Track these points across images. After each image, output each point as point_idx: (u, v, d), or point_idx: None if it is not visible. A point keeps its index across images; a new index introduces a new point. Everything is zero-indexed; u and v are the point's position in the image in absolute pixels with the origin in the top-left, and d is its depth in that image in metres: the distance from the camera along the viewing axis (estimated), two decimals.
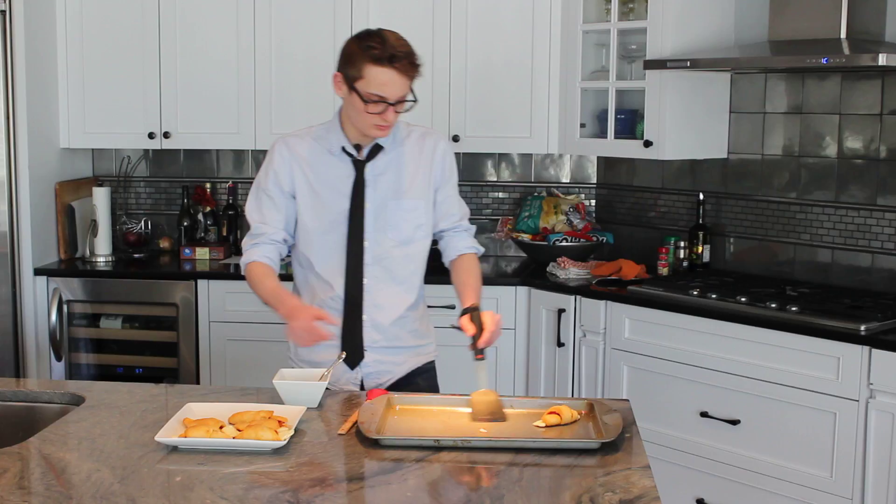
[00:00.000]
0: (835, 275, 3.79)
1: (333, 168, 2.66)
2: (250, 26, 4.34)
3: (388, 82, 2.50)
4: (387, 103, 2.52)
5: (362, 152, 2.66)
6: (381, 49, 2.49)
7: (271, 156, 2.71)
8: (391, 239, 2.67)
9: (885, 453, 3.09)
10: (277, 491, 1.90)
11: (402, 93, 2.53)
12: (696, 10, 3.87)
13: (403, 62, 2.50)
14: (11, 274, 4.16)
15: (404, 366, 2.75)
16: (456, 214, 2.78)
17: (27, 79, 4.13)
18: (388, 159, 2.67)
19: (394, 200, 2.66)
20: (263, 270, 2.65)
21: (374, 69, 2.50)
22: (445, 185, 2.75)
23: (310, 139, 2.70)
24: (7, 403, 2.49)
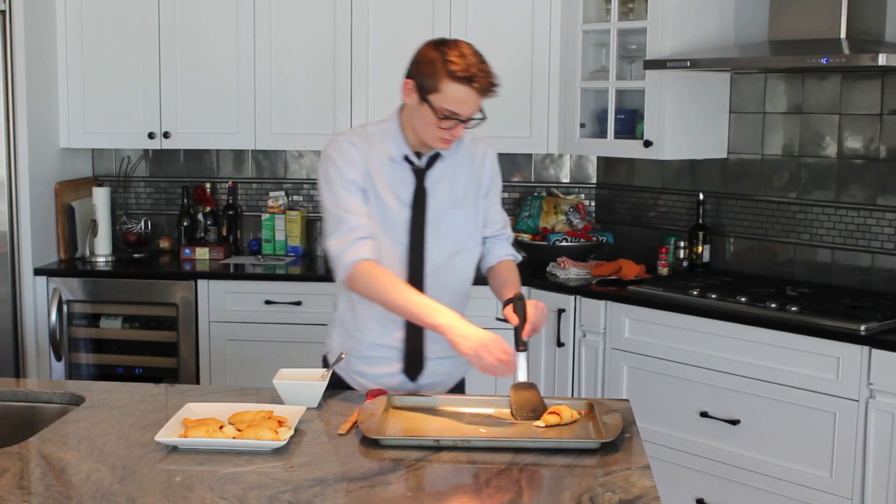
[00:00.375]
0: (835, 275, 3.79)
1: (393, 174, 2.56)
2: (250, 26, 4.35)
3: (465, 100, 2.44)
4: (459, 120, 2.45)
5: (422, 160, 2.58)
6: (461, 66, 2.42)
7: (339, 153, 2.54)
8: (448, 248, 2.60)
9: (885, 453, 3.09)
10: (277, 491, 1.90)
11: (475, 110, 2.48)
12: (696, 10, 3.87)
13: (483, 82, 2.44)
14: (11, 274, 4.17)
15: (454, 375, 2.70)
16: (499, 223, 2.74)
17: (27, 79, 4.14)
18: (444, 167, 2.60)
19: (450, 209, 2.60)
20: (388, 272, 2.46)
21: (453, 86, 2.42)
22: (491, 193, 2.69)
23: (369, 141, 2.57)
24: (7, 403, 2.48)
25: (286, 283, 4.23)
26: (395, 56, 4.29)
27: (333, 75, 4.32)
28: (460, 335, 2.33)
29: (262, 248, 4.65)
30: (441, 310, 2.39)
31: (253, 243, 4.71)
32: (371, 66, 4.30)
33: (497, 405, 2.40)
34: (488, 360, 2.29)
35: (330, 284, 4.19)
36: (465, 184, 2.63)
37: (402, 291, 2.43)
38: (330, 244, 2.51)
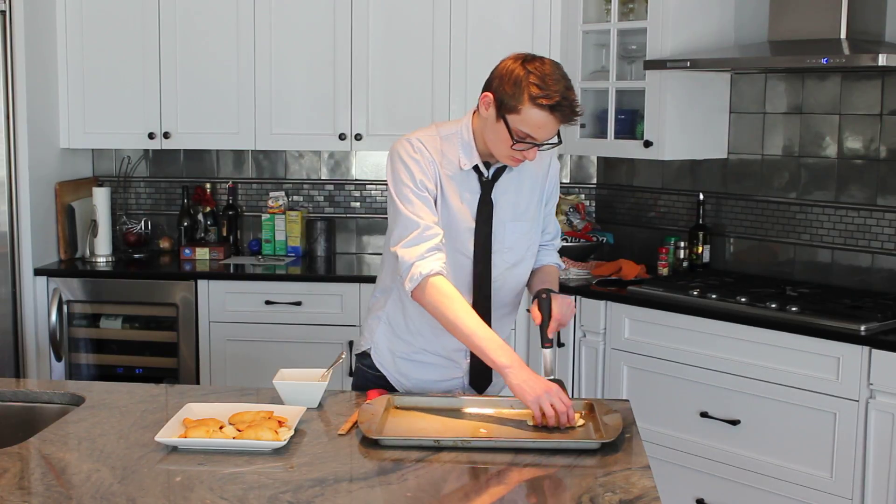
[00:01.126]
0: (835, 275, 3.79)
1: (461, 183, 2.49)
2: (250, 26, 4.34)
3: (545, 126, 2.35)
4: (535, 144, 2.38)
5: (489, 170, 2.52)
6: (547, 92, 2.32)
7: (413, 153, 2.45)
8: (506, 261, 2.56)
9: (885, 453, 3.09)
10: (277, 491, 1.90)
11: (552, 135, 2.40)
12: (696, 10, 3.87)
13: (566, 111, 2.34)
14: (11, 274, 4.17)
15: (496, 386, 2.66)
16: (551, 233, 2.70)
17: (27, 79, 4.14)
18: (510, 178, 2.54)
19: (511, 222, 2.55)
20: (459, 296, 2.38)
21: (535, 111, 2.33)
22: (549, 202, 2.65)
23: (441, 144, 2.49)
24: (7, 403, 2.48)
25: (286, 283, 4.23)
26: (395, 56, 4.31)
27: (333, 75, 4.32)
28: (522, 380, 2.26)
29: (262, 248, 4.65)
30: (505, 349, 2.33)
31: (253, 243, 4.71)
32: (371, 66, 4.30)
33: (497, 405, 2.40)
34: (548, 410, 2.22)
35: (331, 285, 4.22)
36: (528, 196, 2.58)
37: (471, 319, 2.35)
38: (401, 251, 2.40)
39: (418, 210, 2.41)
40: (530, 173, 2.57)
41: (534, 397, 2.23)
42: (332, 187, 4.76)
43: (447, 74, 4.26)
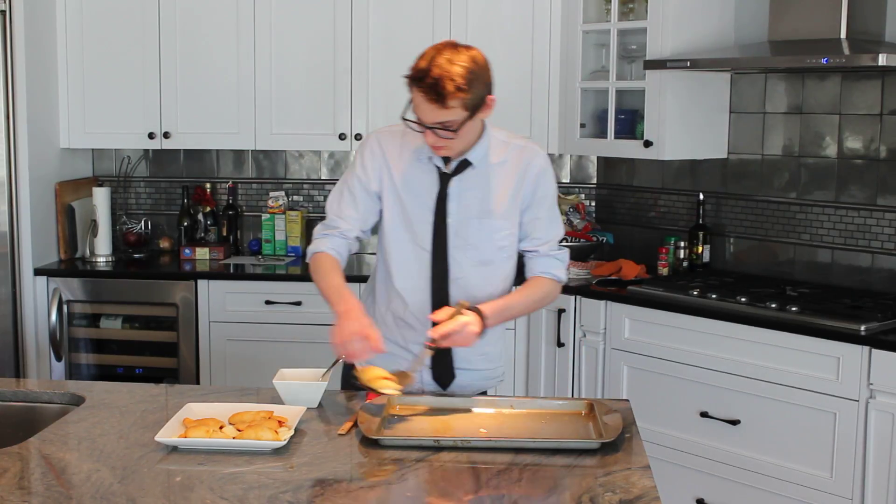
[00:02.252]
0: (835, 275, 3.79)
1: (419, 175, 2.53)
2: (250, 26, 4.34)
3: (419, 105, 2.37)
4: (423, 125, 2.39)
5: (450, 164, 2.51)
6: (418, 67, 2.37)
7: (362, 151, 2.59)
8: (470, 258, 2.55)
9: (885, 453, 3.09)
10: (277, 491, 1.90)
11: (436, 119, 2.36)
12: (696, 10, 3.87)
13: (426, 89, 2.34)
14: (11, 274, 4.17)
15: (468, 389, 2.63)
16: (539, 238, 2.59)
17: (27, 79, 4.13)
18: (477, 175, 2.52)
19: (477, 219, 2.53)
20: (331, 264, 2.52)
21: (413, 87, 2.39)
22: (534, 206, 2.56)
23: (403, 139, 2.54)
24: (7, 403, 2.49)
25: (286, 283, 4.23)
26: (395, 56, 4.30)
27: (333, 75, 4.32)
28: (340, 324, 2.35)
29: (262, 248, 4.65)
30: (346, 298, 2.42)
31: (253, 243, 4.71)
32: (371, 66, 4.30)
33: (497, 405, 2.40)
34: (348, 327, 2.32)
35: None
36: (500, 194, 2.54)
37: (326, 277, 2.49)
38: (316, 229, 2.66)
39: (338, 201, 2.60)
40: (505, 172, 2.55)
41: (340, 339, 2.32)
42: (332, 187, 4.75)
43: None
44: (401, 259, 2.58)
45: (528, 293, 2.59)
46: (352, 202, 2.58)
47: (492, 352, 2.67)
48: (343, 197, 2.60)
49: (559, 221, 2.66)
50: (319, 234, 2.61)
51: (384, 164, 2.56)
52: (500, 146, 2.55)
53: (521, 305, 2.59)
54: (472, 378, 2.64)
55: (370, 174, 2.57)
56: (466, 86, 2.35)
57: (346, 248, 2.60)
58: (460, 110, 2.36)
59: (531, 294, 2.59)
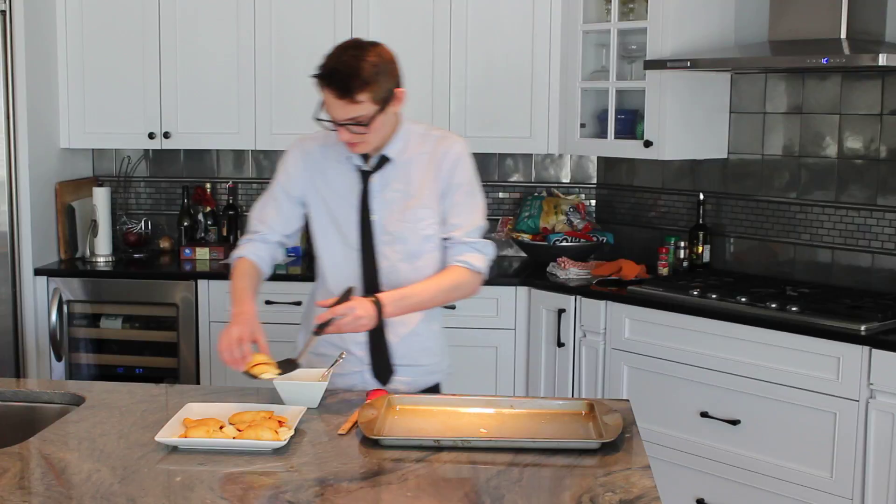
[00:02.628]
0: (835, 275, 3.79)
1: (342, 176, 2.58)
2: (250, 26, 4.34)
3: (329, 103, 2.41)
4: (335, 122, 2.42)
5: (370, 162, 2.56)
6: (325, 65, 2.41)
7: (285, 158, 2.66)
8: (398, 252, 2.57)
9: (885, 453, 3.09)
10: (277, 491, 1.90)
11: (346, 116, 2.40)
12: (696, 10, 3.87)
13: (334, 87, 2.38)
14: (11, 274, 4.17)
15: (411, 386, 2.66)
16: (454, 225, 2.58)
17: (27, 79, 4.14)
18: (397, 169, 2.56)
19: (401, 212, 2.56)
20: (244, 268, 2.61)
21: (320, 85, 2.42)
22: (451, 192, 2.58)
23: (324, 143, 2.59)
24: (7, 403, 2.49)
25: (286, 283, 4.23)
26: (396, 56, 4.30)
27: None
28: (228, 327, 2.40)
29: None
30: (243, 301, 2.49)
31: None
32: None
33: (497, 405, 2.40)
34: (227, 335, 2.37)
35: None
36: (419, 185, 2.57)
37: (234, 281, 2.57)
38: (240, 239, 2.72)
39: (262, 208, 2.67)
40: (423, 163, 2.58)
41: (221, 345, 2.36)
42: None
43: (447, 74, 4.26)
44: (332, 260, 2.63)
45: (435, 281, 2.55)
46: (274, 207, 2.65)
47: (433, 346, 2.70)
48: (266, 204, 2.67)
49: (480, 211, 2.63)
50: (242, 241, 2.69)
51: (307, 169, 2.61)
52: (418, 139, 2.60)
53: (427, 294, 2.53)
54: (414, 374, 2.66)
55: (293, 181, 2.63)
56: (373, 79, 2.40)
57: (267, 253, 2.66)
58: (369, 104, 2.41)
59: (440, 282, 2.55)
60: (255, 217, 2.68)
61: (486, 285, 4.29)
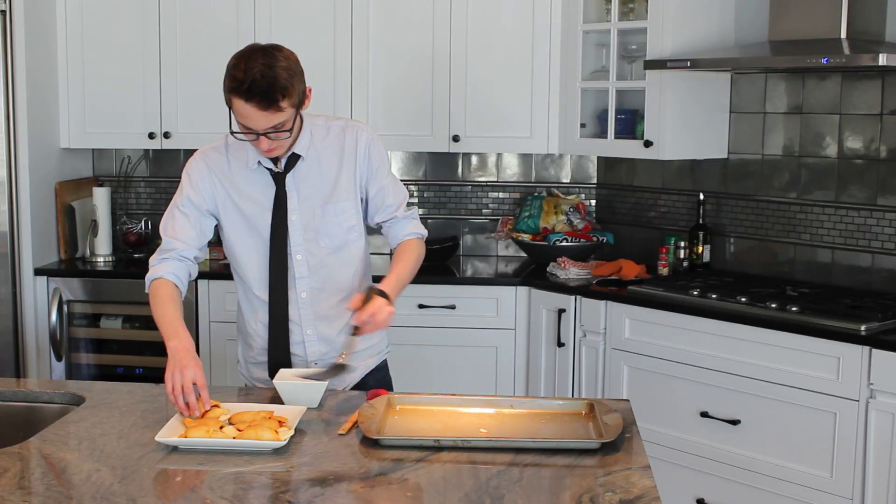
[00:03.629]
0: (835, 275, 3.79)
1: (253, 182, 2.57)
2: (251, 26, 4.34)
3: (249, 115, 2.37)
4: (256, 133, 2.40)
5: (280, 163, 2.55)
6: (240, 79, 2.34)
7: (188, 171, 2.60)
8: (324, 247, 2.59)
9: (885, 453, 3.09)
10: (277, 491, 1.90)
11: (268, 124, 2.38)
12: (696, 10, 3.87)
13: (257, 99, 2.34)
14: (11, 274, 4.16)
15: (356, 372, 2.70)
16: (392, 205, 2.65)
17: (27, 79, 4.13)
18: (308, 165, 2.57)
19: (320, 207, 2.58)
20: (168, 292, 2.52)
21: (235, 100, 2.37)
22: (375, 177, 2.63)
23: (227, 153, 2.58)
24: (7, 403, 2.49)
25: None
26: (396, 56, 4.31)
27: (333, 75, 4.32)
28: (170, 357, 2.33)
29: None
30: (179, 334, 2.39)
31: None
32: (371, 65, 4.30)
33: (497, 405, 2.40)
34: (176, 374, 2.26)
35: None
36: (335, 176, 2.59)
37: (161, 307, 2.48)
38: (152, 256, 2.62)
39: (171, 224, 2.58)
40: (334, 154, 2.60)
41: (169, 373, 2.28)
42: None
43: (447, 74, 4.26)
44: (253, 267, 2.62)
45: (408, 259, 2.63)
46: (186, 222, 2.58)
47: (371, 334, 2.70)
48: (176, 219, 2.59)
49: (401, 185, 2.72)
50: (157, 260, 2.59)
51: (214, 180, 2.58)
52: (321, 131, 2.61)
53: (409, 271, 2.62)
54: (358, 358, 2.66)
55: (201, 193, 2.58)
56: (289, 84, 2.39)
57: (185, 272, 2.58)
58: (289, 109, 2.42)
59: (411, 258, 2.64)
60: (168, 234, 2.59)
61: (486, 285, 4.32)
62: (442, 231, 4.67)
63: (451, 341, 4.09)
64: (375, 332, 2.65)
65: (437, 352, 4.06)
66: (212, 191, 2.59)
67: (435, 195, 4.70)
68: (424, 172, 4.69)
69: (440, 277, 4.17)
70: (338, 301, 2.63)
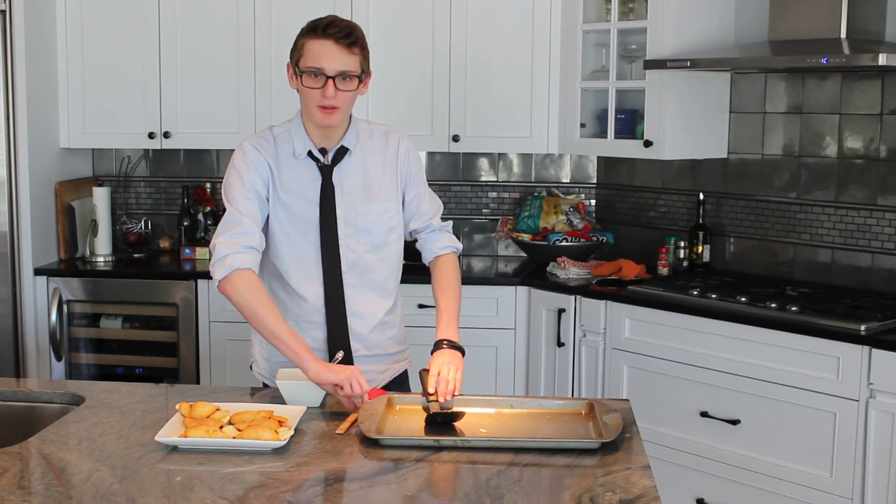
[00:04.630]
0: (835, 275, 3.79)
1: (299, 173, 2.57)
2: (250, 26, 4.34)
3: (323, 53, 2.43)
4: (325, 76, 2.44)
5: (328, 156, 2.58)
6: (317, 22, 2.47)
7: (244, 156, 2.56)
8: (363, 244, 2.60)
9: (885, 453, 3.09)
10: (277, 491, 1.90)
11: (340, 66, 2.44)
12: (696, 10, 3.87)
13: (336, 32, 2.43)
14: (11, 274, 4.16)
15: (385, 374, 2.70)
16: (427, 213, 2.69)
17: (27, 79, 4.13)
18: (354, 161, 2.59)
19: (363, 204, 2.59)
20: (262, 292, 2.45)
21: (310, 41, 2.45)
22: (413, 183, 2.67)
23: (274, 141, 2.59)
24: (7, 403, 2.49)
25: None
26: (396, 56, 4.31)
27: None
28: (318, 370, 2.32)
29: None
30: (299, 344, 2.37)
31: None
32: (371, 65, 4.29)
33: (497, 405, 2.40)
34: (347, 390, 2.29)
35: None
36: (379, 176, 2.62)
37: (276, 317, 2.41)
38: (219, 242, 2.46)
39: (243, 208, 2.49)
40: (378, 154, 2.63)
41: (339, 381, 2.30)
42: None
43: (447, 74, 4.26)
44: (295, 260, 2.58)
45: (452, 283, 2.65)
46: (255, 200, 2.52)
47: (399, 334, 2.74)
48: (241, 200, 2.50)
49: (436, 196, 2.77)
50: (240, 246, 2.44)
51: (267, 168, 2.57)
52: (366, 131, 2.65)
53: (457, 299, 2.63)
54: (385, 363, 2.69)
55: (259, 176, 2.54)
56: (363, 42, 2.51)
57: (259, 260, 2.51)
58: (361, 61, 2.49)
59: (456, 281, 2.66)
60: (247, 213, 2.49)
61: (486, 285, 4.31)
62: None
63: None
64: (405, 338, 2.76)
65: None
66: (267, 174, 2.56)
67: None
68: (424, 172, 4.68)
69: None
70: (372, 299, 2.63)
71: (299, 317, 2.61)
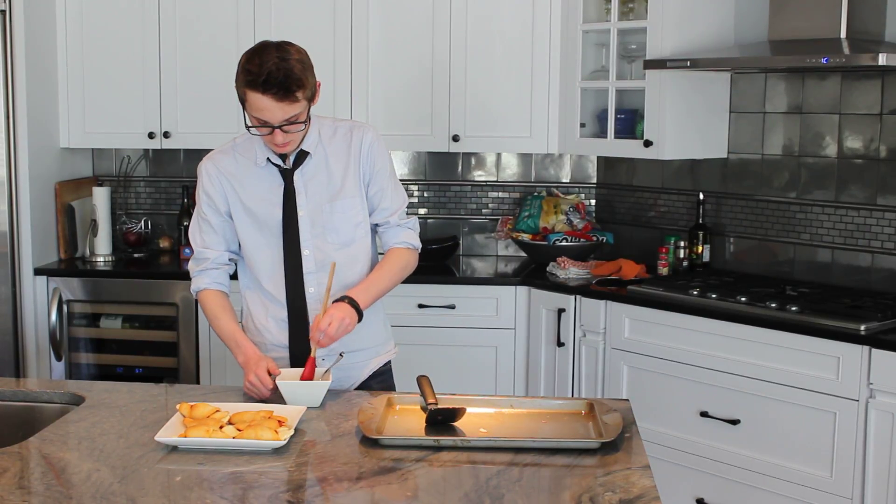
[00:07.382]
0: (835, 275, 3.79)
1: (262, 180, 2.62)
2: (250, 26, 4.34)
3: (265, 108, 2.45)
4: (271, 126, 2.48)
5: (288, 160, 2.61)
6: (256, 72, 2.44)
7: (200, 177, 2.68)
8: (331, 243, 2.63)
9: (885, 453, 3.09)
10: (277, 491, 1.90)
11: (284, 116, 2.46)
12: (696, 10, 3.87)
13: (274, 90, 2.43)
14: (11, 274, 4.16)
15: (366, 369, 2.73)
16: (388, 209, 2.70)
17: (27, 79, 4.13)
18: (316, 162, 2.63)
19: (328, 203, 2.62)
20: (219, 302, 2.67)
21: (251, 94, 2.47)
22: (375, 178, 2.67)
23: (234, 153, 2.66)
24: (7, 403, 2.49)
25: None
26: (396, 56, 4.31)
27: (333, 75, 4.32)
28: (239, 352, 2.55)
29: None
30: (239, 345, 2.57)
31: None
32: (371, 65, 4.30)
33: (497, 405, 2.40)
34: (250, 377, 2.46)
35: None
36: (342, 174, 2.64)
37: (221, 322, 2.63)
38: (189, 265, 2.76)
39: (199, 232, 2.71)
40: (341, 152, 2.65)
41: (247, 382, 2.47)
42: None
43: (447, 74, 4.26)
44: (264, 264, 2.67)
45: (389, 266, 2.68)
46: (210, 229, 2.69)
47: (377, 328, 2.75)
48: (201, 227, 2.70)
49: (402, 190, 2.76)
50: (195, 272, 2.72)
51: (224, 182, 2.65)
52: (329, 131, 2.67)
53: (387, 279, 2.66)
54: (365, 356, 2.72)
55: (215, 197, 2.66)
56: (303, 76, 2.49)
57: (225, 277, 2.72)
58: (304, 101, 2.50)
59: (393, 266, 2.68)
60: (197, 244, 2.71)
61: (485, 285, 4.32)
62: (442, 231, 4.67)
63: (451, 341, 4.09)
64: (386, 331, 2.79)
65: (437, 351, 4.06)
66: (223, 191, 2.66)
67: (435, 195, 4.70)
68: (424, 172, 4.69)
69: (440, 277, 4.18)
70: None
71: (278, 316, 2.67)
